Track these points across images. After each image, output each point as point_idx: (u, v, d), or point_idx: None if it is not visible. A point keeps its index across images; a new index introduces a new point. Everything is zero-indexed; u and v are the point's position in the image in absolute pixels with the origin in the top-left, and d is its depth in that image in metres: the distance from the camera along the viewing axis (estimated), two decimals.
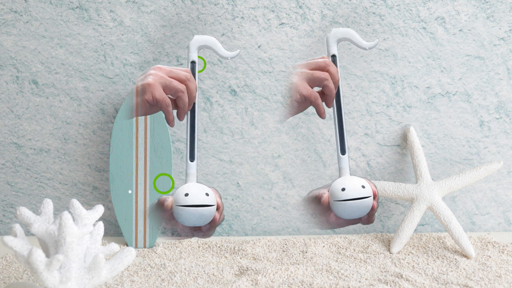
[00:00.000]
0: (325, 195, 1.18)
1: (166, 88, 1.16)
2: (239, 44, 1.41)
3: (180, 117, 1.19)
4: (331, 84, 1.20)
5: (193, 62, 1.23)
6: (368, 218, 1.19)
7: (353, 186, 1.17)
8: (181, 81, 1.17)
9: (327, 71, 1.21)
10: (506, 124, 1.48)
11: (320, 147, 1.46)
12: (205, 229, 1.17)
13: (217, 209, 1.16)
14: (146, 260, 1.35)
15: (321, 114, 1.21)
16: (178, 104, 1.18)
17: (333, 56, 1.26)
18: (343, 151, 1.22)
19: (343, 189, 1.17)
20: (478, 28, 1.43)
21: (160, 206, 1.16)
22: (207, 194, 1.15)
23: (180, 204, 1.14)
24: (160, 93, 1.15)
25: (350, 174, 1.22)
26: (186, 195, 1.14)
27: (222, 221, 1.20)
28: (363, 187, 1.17)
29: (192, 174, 1.20)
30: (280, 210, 1.48)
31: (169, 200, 1.15)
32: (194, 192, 1.15)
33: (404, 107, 1.46)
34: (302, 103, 1.20)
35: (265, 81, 1.43)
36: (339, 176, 1.21)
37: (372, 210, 1.18)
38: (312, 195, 1.21)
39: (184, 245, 1.41)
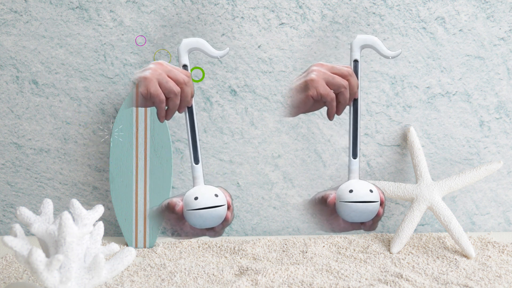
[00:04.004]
0: (332, 195, 1.18)
1: (161, 86, 1.16)
2: (239, 44, 1.41)
3: (167, 117, 1.19)
4: (347, 93, 1.20)
5: (184, 66, 1.23)
6: (372, 225, 1.20)
7: (361, 189, 1.17)
8: (178, 83, 1.17)
9: (348, 80, 1.20)
10: (506, 124, 1.48)
11: (320, 147, 1.46)
12: (219, 229, 1.18)
13: (228, 208, 1.17)
14: (146, 260, 1.35)
15: (330, 116, 1.21)
16: (168, 105, 1.18)
17: (356, 61, 1.26)
18: (354, 155, 1.23)
19: (350, 191, 1.17)
20: (478, 28, 1.43)
21: (170, 210, 1.16)
22: (216, 195, 1.16)
23: (191, 208, 1.15)
24: (155, 88, 1.15)
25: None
26: (196, 198, 1.15)
27: (233, 218, 1.22)
28: (371, 191, 1.18)
29: (199, 177, 1.20)
30: (280, 210, 1.48)
31: (180, 204, 1.16)
32: (203, 195, 1.16)
33: (404, 107, 1.46)
34: (316, 102, 1.20)
35: (265, 81, 1.43)
36: (348, 179, 1.22)
37: (378, 216, 1.18)
38: (319, 196, 1.21)
39: (184, 245, 1.41)
